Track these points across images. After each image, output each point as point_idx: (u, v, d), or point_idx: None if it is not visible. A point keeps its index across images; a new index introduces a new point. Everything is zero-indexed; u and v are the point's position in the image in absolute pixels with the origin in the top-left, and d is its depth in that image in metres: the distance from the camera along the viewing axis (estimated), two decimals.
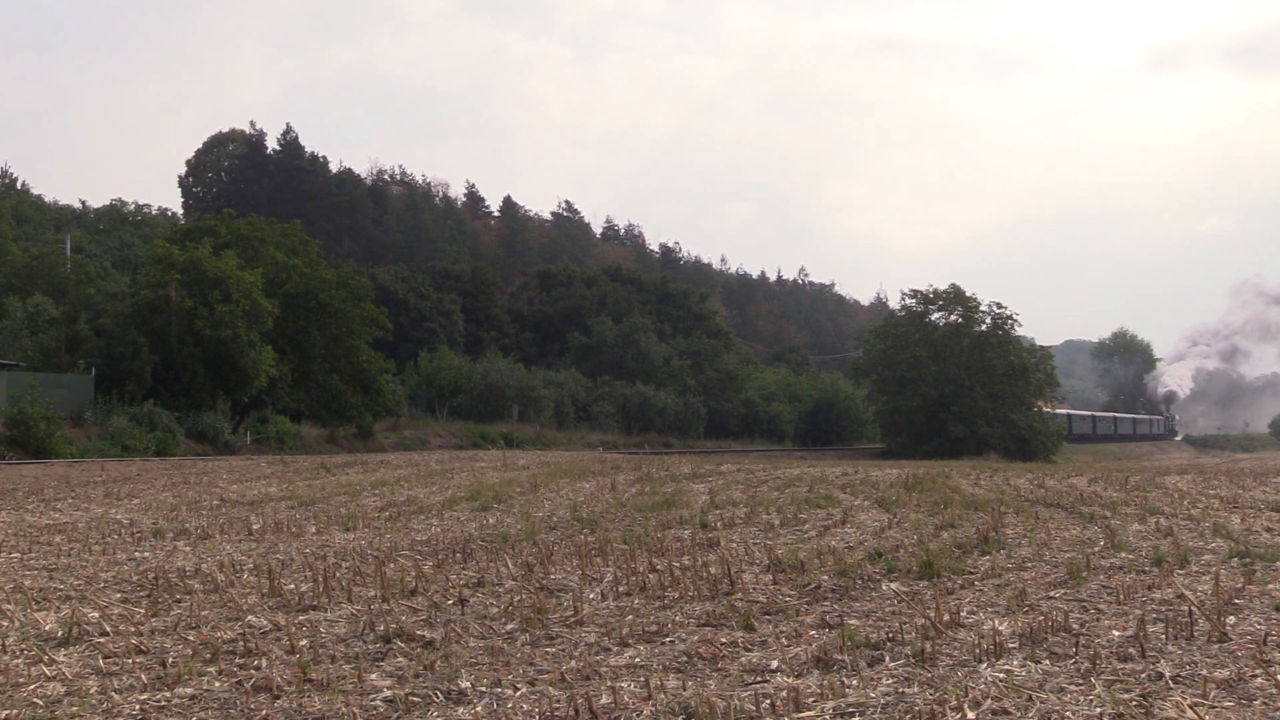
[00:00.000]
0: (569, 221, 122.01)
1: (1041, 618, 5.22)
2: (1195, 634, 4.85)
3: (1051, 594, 6.09)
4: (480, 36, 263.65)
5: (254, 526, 11.08)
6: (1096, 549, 7.94)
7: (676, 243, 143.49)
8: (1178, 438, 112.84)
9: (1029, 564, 7.29)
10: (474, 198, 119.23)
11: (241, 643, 5.18)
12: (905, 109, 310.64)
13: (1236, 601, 5.66)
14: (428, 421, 49.91)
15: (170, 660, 4.87)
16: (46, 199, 77.14)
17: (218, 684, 4.47)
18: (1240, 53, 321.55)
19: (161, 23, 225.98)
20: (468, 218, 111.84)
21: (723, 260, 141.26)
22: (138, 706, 4.17)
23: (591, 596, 6.30)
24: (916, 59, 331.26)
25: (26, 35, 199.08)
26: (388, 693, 4.27)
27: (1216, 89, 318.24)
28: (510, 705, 4.08)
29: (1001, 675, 4.22)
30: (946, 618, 5.29)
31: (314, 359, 41.86)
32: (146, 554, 8.94)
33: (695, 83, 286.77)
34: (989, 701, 3.86)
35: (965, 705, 3.80)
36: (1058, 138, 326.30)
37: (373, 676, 4.53)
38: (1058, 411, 65.61)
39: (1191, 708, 3.70)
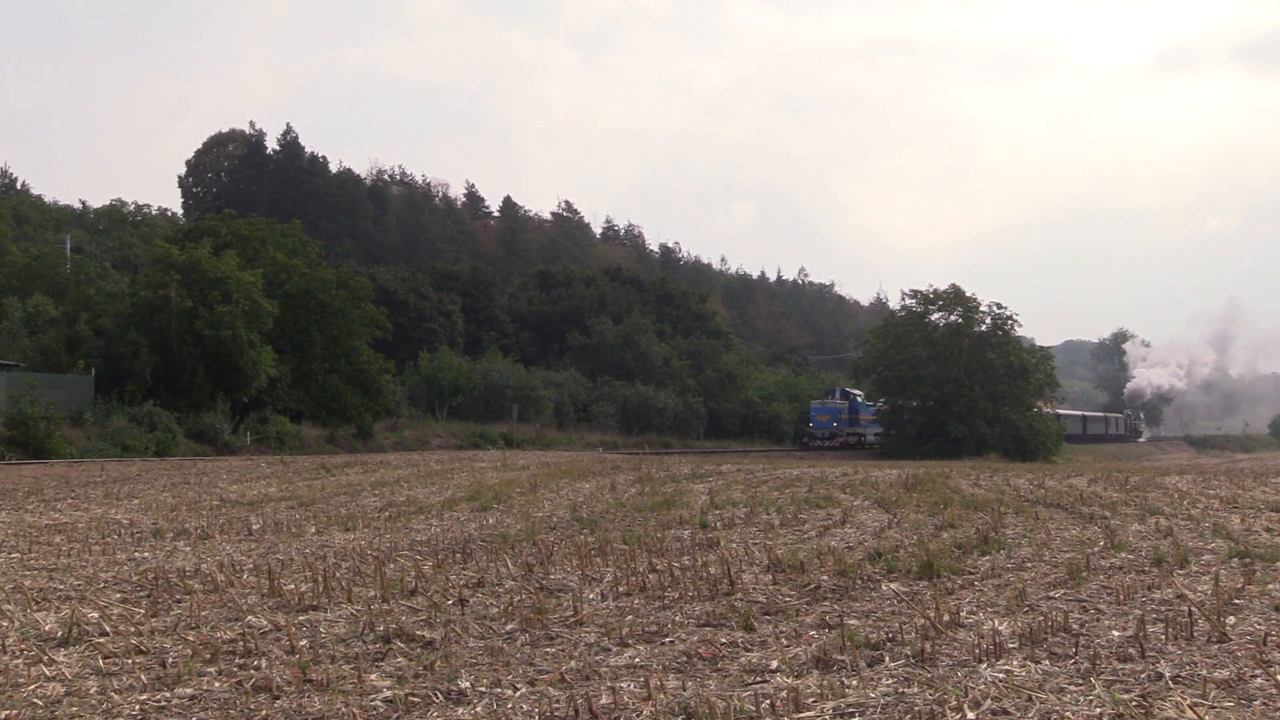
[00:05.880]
0: (569, 222, 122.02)
1: (1041, 618, 5.22)
2: (1195, 634, 4.85)
3: (1051, 594, 6.09)
4: (485, 38, 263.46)
5: (254, 527, 11.08)
6: (1096, 549, 7.94)
7: (676, 243, 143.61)
8: (1142, 438, 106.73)
9: (1029, 564, 7.29)
10: (474, 198, 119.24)
11: (241, 643, 5.18)
12: (912, 110, 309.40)
13: (1236, 601, 5.66)
14: (427, 422, 49.88)
15: (170, 660, 4.86)
16: (46, 199, 77.08)
17: (217, 684, 4.47)
18: (1250, 52, 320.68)
19: (162, 23, 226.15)
20: (468, 218, 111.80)
21: (723, 260, 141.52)
22: (138, 707, 4.17)
23: (591, 597, 6.30)
24: (923, 60, 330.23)
25: (27, 36, 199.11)
26: (388, 693, 4.27)
27: (1225, 89, 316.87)
28: (510, 705, 4.08)
29: (1001, 675, 4.22)
30: (946, 618, 5.29)
31: (314, 359, 41.84)
32: (146, 554, 8.94)
33: (701, 84, 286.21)
34: (989, 702, 3.86)
35: (965, 705, 3.80)
36: (1064, 138, 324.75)
37: (373, 676, 4.53)
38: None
39: (1191, 708, 3.70)
